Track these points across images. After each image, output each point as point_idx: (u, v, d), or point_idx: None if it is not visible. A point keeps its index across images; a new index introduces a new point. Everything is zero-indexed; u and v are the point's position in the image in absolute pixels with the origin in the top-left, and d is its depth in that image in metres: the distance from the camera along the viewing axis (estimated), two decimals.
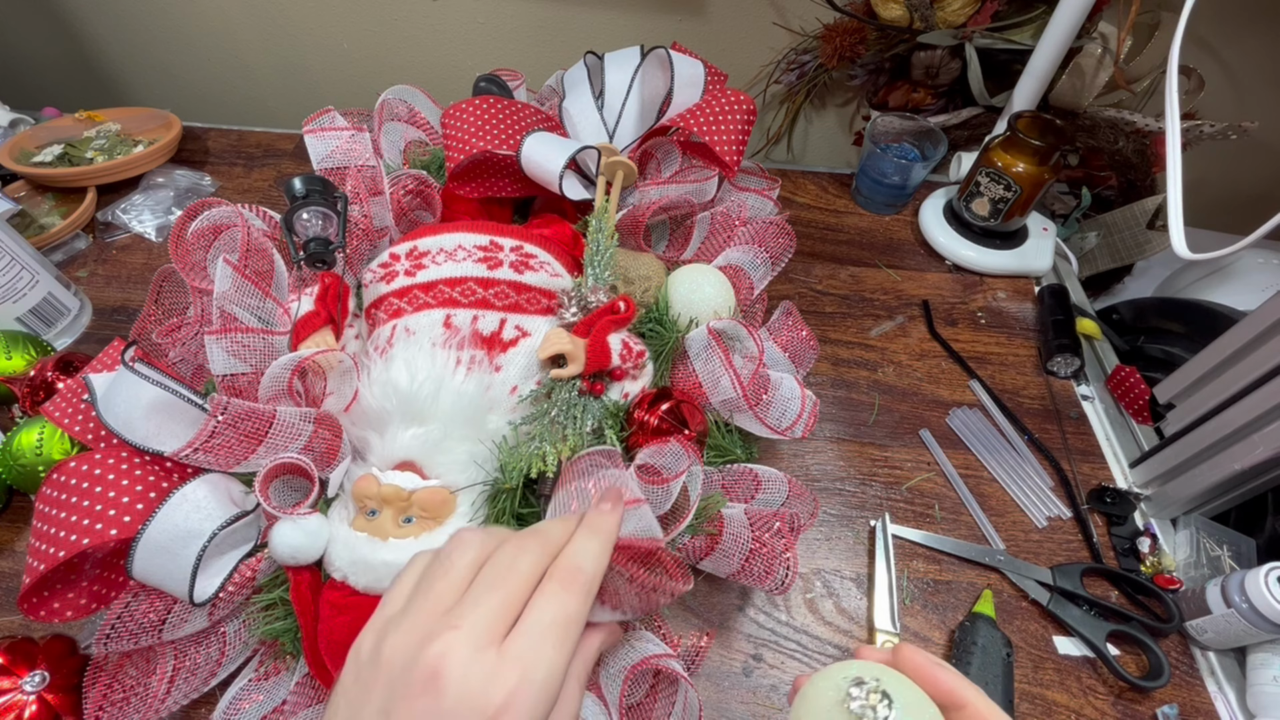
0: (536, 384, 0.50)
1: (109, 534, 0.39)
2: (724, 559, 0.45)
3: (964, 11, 0.78)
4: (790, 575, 0.44)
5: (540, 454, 0.45)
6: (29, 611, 0.40)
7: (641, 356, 0.52)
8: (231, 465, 0.43)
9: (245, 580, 0.43)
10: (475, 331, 0.50)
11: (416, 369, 0.46)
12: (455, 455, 0.46)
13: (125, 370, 0.43)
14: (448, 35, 0.98)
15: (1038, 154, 0.68)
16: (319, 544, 0.43)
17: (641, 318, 0.56)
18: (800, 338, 0.59)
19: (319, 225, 0.55)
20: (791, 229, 0.60)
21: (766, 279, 0.60)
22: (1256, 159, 0.92)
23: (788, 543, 0.45)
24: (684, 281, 0.57)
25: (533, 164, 0.60)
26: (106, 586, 0.43)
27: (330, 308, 0.52)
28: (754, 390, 0.51)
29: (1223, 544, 0.53)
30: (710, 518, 0.47)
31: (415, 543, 0.43)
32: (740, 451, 0.53)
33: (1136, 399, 0.62)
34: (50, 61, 1.09)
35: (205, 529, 0.40)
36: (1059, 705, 0.48)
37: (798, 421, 0.51)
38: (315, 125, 0.63)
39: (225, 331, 0.46)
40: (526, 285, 0.53)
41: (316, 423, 0.45)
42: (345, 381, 0.49)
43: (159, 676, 0.42)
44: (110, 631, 0.40)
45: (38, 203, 0.77)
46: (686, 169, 0.66)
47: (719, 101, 0.63)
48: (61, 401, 0.48)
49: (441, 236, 0.55)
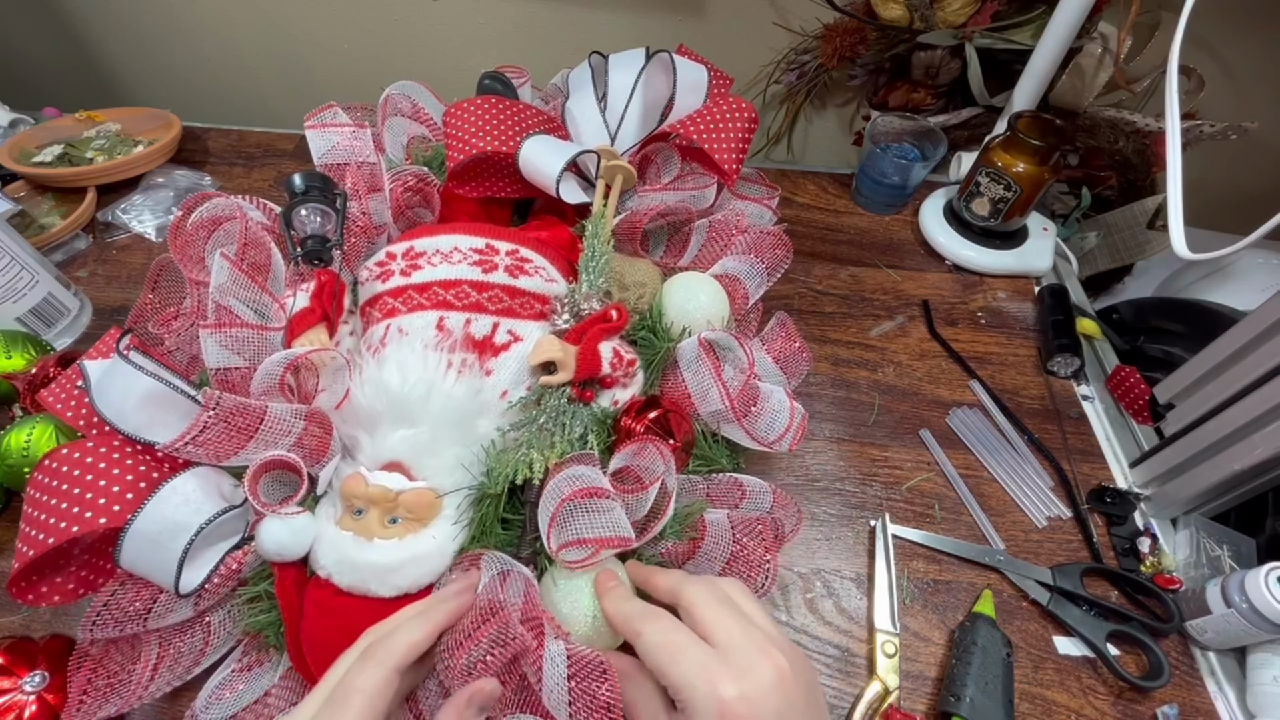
0: (527, 390, 0.50)
1: (98, 522, 0.39)
2: (705, 563, 0.45)
3: (964, 11, 0.78)
4: (770, 581, 0.44)
5: (528, 460, 0.45)
6: (18, 595, 0.41)
7: (632, 365, 0.52)
8: (222, 459, 0.44)
9: (231, 572, 0.43)
10: (468, 335, 0.50)
11: (408, 371, 0.46)
12: (443, 458, 0.46)
13: (119, 359, 0.43)
14: (448, 35, 0.98)
15: (1038, 154, 0.68)
16: (305, 541, 0.44)
17: (635, 325, 0.55)
18: (793, 349, 0.59)
19: (317, 222, 0.55)
20: (788, 240, 0.60)
21: (762, 289, 0.60)
22: (1256, 159, 0.92)
23: (769, 547, 0.45)
24: (679, 289, 0.57)
25: (530, 167, 0.60)
26: (94, 573, 0.43)
27: (326, 305, 0.52)
28: (742, 402, 0.50)
29: (1223, 544, 0.53)
30: (692, 523, 0.47)
31: (400, 544, 0.43)
32: (726, 461, 0.53)
33: (1136, 399, 0.62)
34: (50, 61, 1.09)
35: (193, 522, 0.40)
36: (1059, 705, 0.48)
37: (785, 434, 0.51)
38: (317, 120, 0.64)
39: (220, 326, 0.46)
40: (520, 290, 0.53)
41: (307, 419, 0.45)
42: (337, 379, 0.49)
43: (143, 664, 0.42)
44: (96, 618, 0.40)
45: (38, 203, 0.77)
46: (686, 175, 0.66)
47: (720, 109, 0.63)
48: (58, 389, 0.49)
49: (438, 238, 0.55)
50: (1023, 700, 0.48)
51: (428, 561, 0.43)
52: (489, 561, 0.42)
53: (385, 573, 0.42)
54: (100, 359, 0.49)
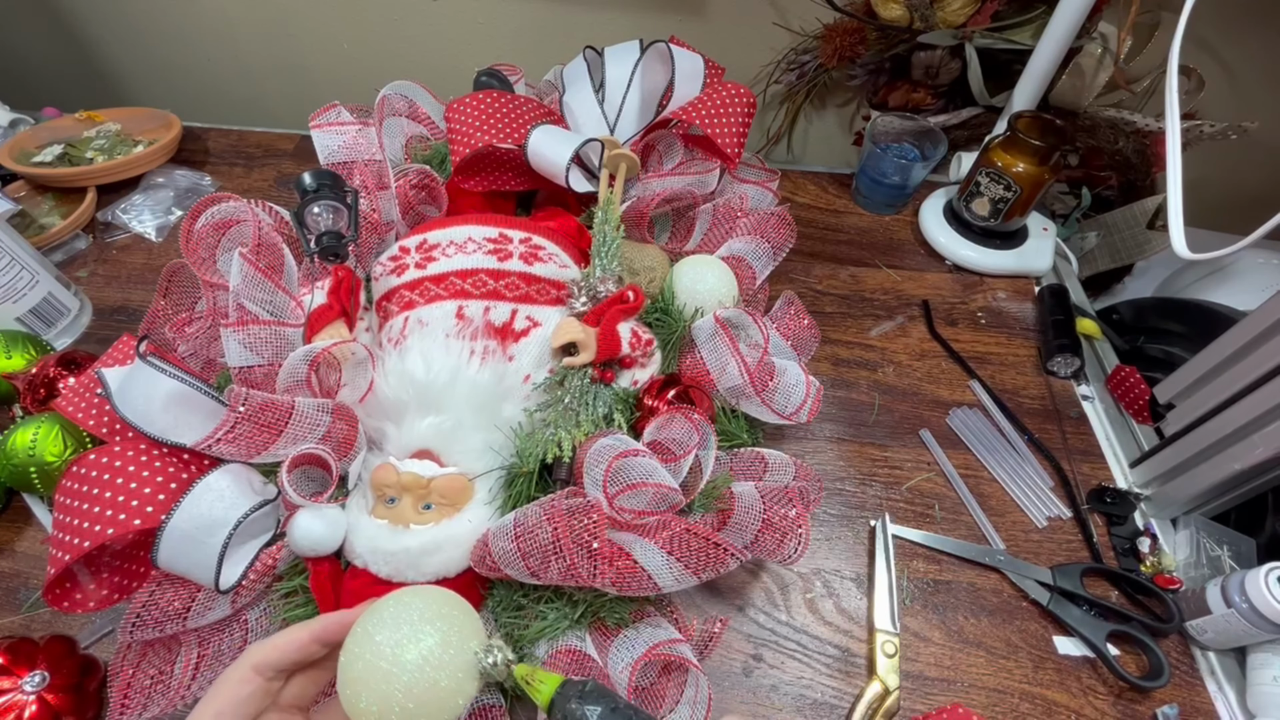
0: (549, 372, 0.51)
1: (132, 524, 0.40)
2: (737, 531, 0.46)
3: (964, 11, 0.78)
4: (802, 546, 0.45)
5: (555, 440, 0.47)
6: (54, 602, 0.41)
7: (650, 345, 0.53)
8: (251, 456, 0.44)
9: (266, 568, 0.44)
10: (488, 322, 0.51)
11: (432, 360, 0.47)
12: (471, 443, 0.47)
13: (141, 364, 0.43)
14: (448, 35, 0.98)
15: (1038, 154, 0.68)
16: (338, 534, 0.44)
17: (648, 308, 0.57)
18: (802, 326, 0.60)
19: (329, 219, 0.56)
20: (792, 219, 0.61)
21: (768, 268, 0.61)
22: (1256, 159, 0.92)
23: (800, 514, 0.45)
24: (688, 272, 0.58)
25: (539, 157, 0.61)
26: (127, 577, 0.44)
27: (344, 300, 0.53)
28: (760, 377, 0.52)
29: (1223, 544, 0.53)
30: (719, 496, 0.48)
31: (436, 529, 0.44)
32: (747, 436, 0.54)
33: (1136, 399, 0.62)
34: (50, 61, 1.09)
35: (230, 517, 0.41)
36: (1059, 705, 0.48)
37: (802, 407, 0.53)
38: (322, 120, 0.64)
39: (242, 324, 0.47)
40: (536, 276, 0.54)
41: (334, 414, 0.46)
42: (360, 373, 0.50)
43: (184, 664, 0.43)
44: (136, 619, 0.41)
45: (38, 203, 0.77)
46: (688, 161, 0.67)
47: (719, 94, 0.64)
48: (74, 395, 0.49)
49: (451, 229, 0.56)
50: (1023, 700, 0.48)
51: (464, 544, 0.44)
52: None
53: (421, 556, 0.43)
54: (116, 365, 0.49)
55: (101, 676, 0.45)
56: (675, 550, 0.42)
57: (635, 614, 0.46)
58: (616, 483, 0.43)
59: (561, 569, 0.40)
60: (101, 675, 0.45)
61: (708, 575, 0.43)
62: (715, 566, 0.43)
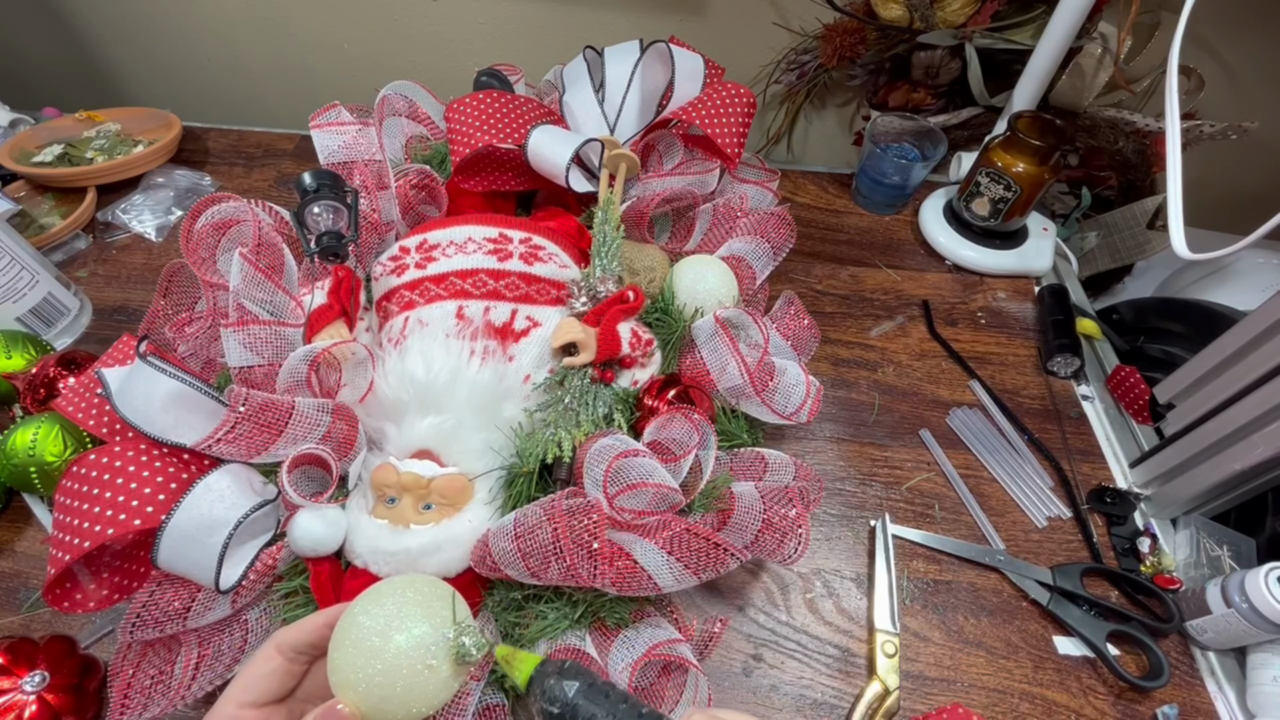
0: (549, 372, 0.51)
1: (132, 524, 0.40)
2: (737, 532, 0.46)
3: (964, 11, 0.78)
4: (802, 546, 0.45)
5: (555, 440, 0.47)
6: (54, 602, 0.41)
7: (650, 345, 0.53)
8: (251, 456, 0.44)
9: (266, 568, 0.44)
10: (488, 322, 0.51)
11: (432, 359, 0.47)
12: (471, 443, 0.47)
13: (141, 364, 0.43)
14: (448, 35, 0.98)
15: (1038, 154, 0.68)
16: (339, 534, 0.44)
17: (648, 308, 0.57)
18: (802, 326, 0.60)
19: (330, 219, 0.56)
20: (792, 219, 0.61)
21: (768, 268, 0.61)
22: (1256, 159, 0.92)
23: (800, 514, 0.45)
24: (688, 272, 0.58)
25: (539, 157, 0.61)
26: (127, 577, 0.44)
27: (344, 300, 0.53)
28: (760, 377, 0.52)
29: (1223, 544, 0.53)
30: (719, 496, 0.48)
31: (436, 529, 0.44)
32: (747, 436, 0.54)
33: (1136, 399, 0.62)
34: (50, 61, 1.09)
35: (230, 517, 0.41)
36: (1059, 705, 0.48)
37: (802, 407, 0.53)
38: (322, 120, 0.64)
39: (242, 324, 0.47)
40: (536, 276, 0.54)
41: (334, 413, 0.46)
42: (360, 373, 0.50)
43: (184, 664, 0.43)
44: (136, 619, 0.41)
45: (38, 203, 0.77)
46: (688, 161, 0.67)
47: (719, 94, 0.64)
48: (74, 395, 0.49)
49: (451, 229, 0.56)
50: (1023, 700, 0.48)
51: (464, 544, 0.44)
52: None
53: (421, 556, 0.43)
54: (116, 365, 0.49)
55: (101, 676, 0.45)
56: (675, 550, 0.42)
57: (635, 614, 0.46)
58: (616, 483, 0.43)
59: (561, 569, 0.40)
60: (101, 675, 0.45)
61: (708, 575, 0.43)
62: (715, 566, 0.43)
